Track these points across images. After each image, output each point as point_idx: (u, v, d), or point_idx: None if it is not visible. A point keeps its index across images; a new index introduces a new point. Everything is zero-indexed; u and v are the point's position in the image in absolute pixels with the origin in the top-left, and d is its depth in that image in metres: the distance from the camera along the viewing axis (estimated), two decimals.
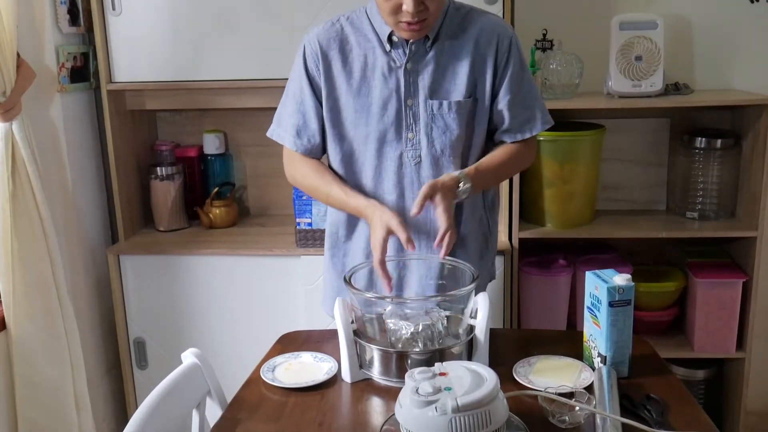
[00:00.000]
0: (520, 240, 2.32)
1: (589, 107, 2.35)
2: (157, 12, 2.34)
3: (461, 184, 1.53)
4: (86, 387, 2.24)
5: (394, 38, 1.56)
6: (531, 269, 2.40)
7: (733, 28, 2.48)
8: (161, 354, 2.47)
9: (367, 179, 1.65)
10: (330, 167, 1.70)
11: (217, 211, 2.59)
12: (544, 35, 2.53)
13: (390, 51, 1.58)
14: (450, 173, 1.55)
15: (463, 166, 1.63)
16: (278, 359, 1.51)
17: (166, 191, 2.56)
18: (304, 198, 2.33)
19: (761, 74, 2.50)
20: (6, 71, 1.99)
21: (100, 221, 2.59)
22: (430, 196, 1.48)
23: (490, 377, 1.14)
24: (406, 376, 1.16)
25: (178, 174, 2.59)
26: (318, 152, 1.70)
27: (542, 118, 1.65)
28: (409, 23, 1.48)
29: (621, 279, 1.38)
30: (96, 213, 2.57)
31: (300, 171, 1.70)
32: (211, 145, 2.65)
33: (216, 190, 2.60)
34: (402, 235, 1.47)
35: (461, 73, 1.58)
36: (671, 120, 2.56)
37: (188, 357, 1.48)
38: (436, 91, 1.58)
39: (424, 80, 1.58)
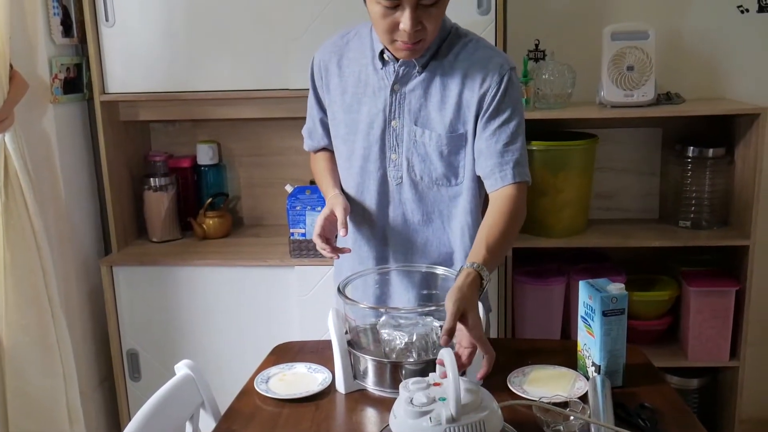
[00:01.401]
0: (514, 249, 2.32)
1: (581, 117, 2.36)
2: (151, 23, 2.34)
3: (484, 282, 1.34)
4: (79, 399, 2.23)
5: (386, 56, 1.54)
6: (525, 279, 2.40)
7: (723, 38, 2.50)
8: (154, 365, 2.46)
9: (350, 191, 1.67)
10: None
11: (211, 222, 2.59)
12: (537, 45, 2.54)
13: (381, 69, 1.56)
14: (466, 275, 1.32)
15: (452, 195, 1.58)
16: (272, 370, 1.50)
17: (159, 202, 2.55)
18: (298, 208, 2.33)
19: (752, 84, 2.52)
20: None
21: (93, 232, 2.59)
22: (460, 316, 1.27)
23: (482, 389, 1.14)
24: (401, 386, 1.16)
25: (172, 185, 2.58)
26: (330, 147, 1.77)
27: (519, 171, 1.49)
28: (404, 42, 1.44)
29: (614, 288, 1.38)
30: (89, 224, 2.56)
31: (313, 164, 1.83)
32: (205, 155, 2.65)
33: (209, 200, 2.60)
34: (339, 216, 1.55)
35: (448, 106, 1.52)
36: (663, 129, 2.58)
37: (181, 368, 1.47)
38: (420, 118, 1.54)
39: (411, 104, 1.54)
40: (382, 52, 1.54)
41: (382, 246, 1.68)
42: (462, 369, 1.27)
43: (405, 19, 1.39)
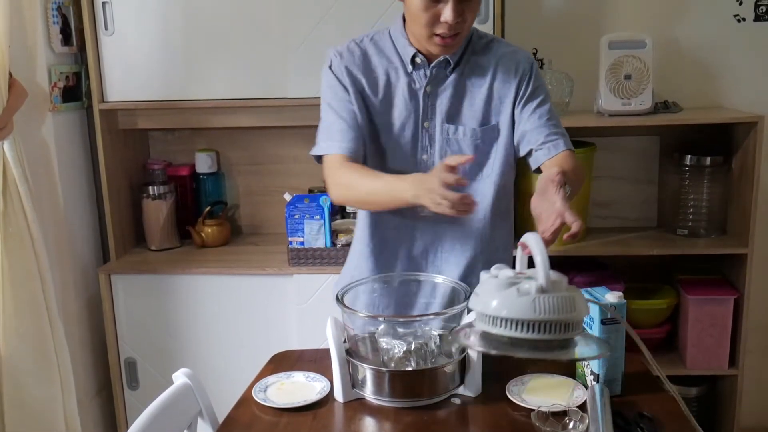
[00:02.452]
0: (513, 258, 2.31)
1: (579, 125, 2.36)
2: (150, 32, 2.35)
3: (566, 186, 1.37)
4: (76, 408, 2.22)
5: (418, 60, 1.57)
6: None
7: (720, 46, 2.51)
8: (152, 374, 2.45)
9: None
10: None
11: (209, 230, 2.59)
12: (535, 54, 2.55)
13: (411, 72, 1.59)
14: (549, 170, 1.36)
15: (484, 191, 1.60)
16: (270, 379, 1.50)
17: (158, 210, 2.55)
18: (297, 217, 2.33)
19: (749, 92, 2.52)
20: None
21: (91, 240, 2.59)
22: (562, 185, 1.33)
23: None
24: (481, 275, 1.17)
25: (170, 193, 2.58)
26: (361, 156, 1.60)
27: (567, 141, 1.58)
28: (443, 37, 1.48)
29: (613, 296, 1.38)
30: (87, 232, 2.56)
31: (339, 175, 1.56)
32: (204, 164, 2.65)
33: (208, 209, 2.60)
34: (450, 178, 1.33)
35: (478, 100, 1.59)
36: (661, 138, 2.58)
37: (179, 377, 1.47)
38: (452, 115, 1.59)
39: (442, 104, 1.59)
40: (414, 56, 1.57)
41: (409, 245, 1.67)
42: (548, 244, 1.23)
43: (447, 11, 1.44)
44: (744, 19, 2.48)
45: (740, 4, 2.47)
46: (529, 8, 2.53)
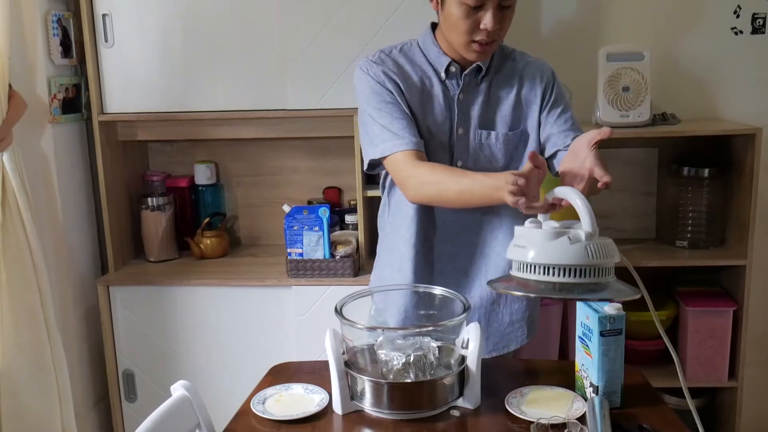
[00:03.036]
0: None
1: None
2: (149, 43, 2.36)
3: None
4: (74, 420, 2.21)
5: (452, 68, 1.62)
6: None
7: (718, 59, 2.52)
8: (150, 386, 2.44)
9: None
10: None
11: (208, 242, 2.59)
12: None
13: (444, 81, 1.64)
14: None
15: None
16: (269, 391, 1.49)
17: (156, 222, 2.55)
18: (295, 228, 2.33)
19: (746, 104, 2.53)
20: None
21: (90, 252, 2.58)
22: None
23: None
24: (526, 224, 1.26)
25: (169, 204, 2.58)
26: (424, 152, 1.61)
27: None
28: (481, 44, 1.54)
29: (612, 308, 1.38)
30: (86, 243, 2.56)
31: (428, 172, 1.55)
32: (203, 175, 2.65)
33: (207, 220, 2.60)
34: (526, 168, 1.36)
35: (507, 106, 1.66)
36: (659, 149, 2.59)
37: (177, 389, 1.46)
38: (485, 121, 1.65)
39: (475, 111, 1.64)
40: (449, 65, 1.62)
41: (453, 246, 1.70)
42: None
43: (487, 19, 1.51)
44: (741, 32, 2.50)
45: (737, 17, 2.48)
46: (528, 20, 2.54)
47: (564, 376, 1.50)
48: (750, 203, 2.27)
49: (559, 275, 1.19)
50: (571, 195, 1.23)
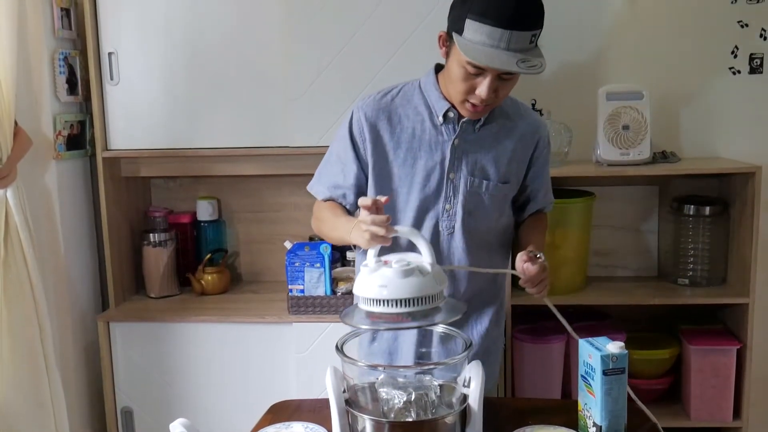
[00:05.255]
0: (513, 307, 2.31)
1: (578, 175, 2.39)
2: (154, 81, 2.39)
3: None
4: None
5: (450, 114, 1.62)
6: (524, 337, 2.39)
7: (716, 98, 2.55)
8: (149, 424, 2.42)
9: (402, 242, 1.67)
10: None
11: (209, 278, 2.59)
12: (533, 105, 2.58)
13: (441, 125, 1.63)
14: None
15: (493, 240, 1.72)
16: (269, 429, 1.48)
17: (158, 257, 2.55)
18: (297, 264, 2.33)
19: (746, 142, 2.55)
20: (3, 139, 2.02)
21: (91, 287, 2.58)
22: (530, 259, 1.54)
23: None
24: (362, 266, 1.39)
25: (171, 240, 2.59)
26: (350, 209, 1.73)
27: (552, 200, 1.83)
28: (474, 105, 1.55)
29: (614, 347, 1.37)
30: (87, 279, 2.56)
31: (319, 210, 1.74)
32: (205, 211, 2.66)
33: (208, 256, 2.60)
34: (367, 200, 1.44)
35: (502, 159, 1.66)
36: (660, 187, 2.60)
37: (177, 427, 1.45)
38: (477, 170, 1.65)
39: (469, 158, 1.64)
40: (447, 110, 1.62)
41: None
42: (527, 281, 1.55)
43: (483, 87, 1.51)
44: (739, 72, 2.52)
45: (735, 57, 2.51)
46: None
47: (567, 415, 1.49)
48: (751, 241, 2.27)
49: (413, 305, 1.32)
50: (411, 233, 1.42)
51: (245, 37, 2.34)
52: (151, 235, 2.56)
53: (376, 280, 1.33)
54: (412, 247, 1.43)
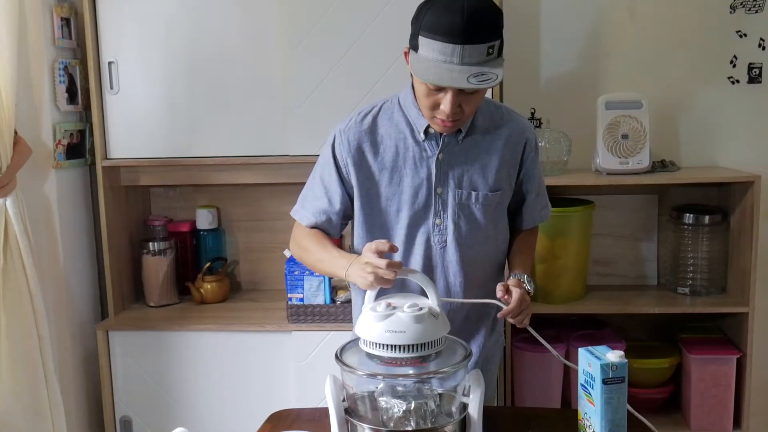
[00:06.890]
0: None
1: (577, 184, 2.39)
2: (154, 90, 2.39)
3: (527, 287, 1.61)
4: None
5: (431, 129, 1.60)
6: (524, 346, 2.38)
7: (715, 107, 2.55)
8: None
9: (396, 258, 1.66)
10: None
11: (209, 287, 2.58)
12: (533, 114, 2.59)
13: (423, 141, 1.61)
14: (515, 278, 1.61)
15: (489, 250, 1.69)
16: None
17: (157, 266, 2.55)
18: (296, 273, 2.33)
19: (745, 152, 2.55)
20: (3, 148, 2.02)
21: (90, 296, 2.58)
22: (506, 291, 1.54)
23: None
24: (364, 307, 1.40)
25: (171, 249, 2.59)
26: (333, 233, 1.71)
27: (549, 206, 1.80)
28: (443, 120, 1.52)
29: (614, 356, 1.37)
30: (86, 288, 2.56)
31: (301, 238, 1.69)
32: (204, 220, 2.66)
33: (208, 265, 2.60)
34: (385, 245, 1.47)
35: (491, 167, 1.63)
36: (659, 196, 2.60)
37: None
38: (465, 181, 1.63)
39: (455, 171, 1.62)
40: (428, 127, 1.60)
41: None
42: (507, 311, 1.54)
43: (446, 103, 1.47)
44: (738, 81, 2.53)
45: (734, 66, 2.52)
46: (527, 69, 2.58)
47: (566, 424, 1.48)
48: (750, 250, 2.27)
49: (426, 349, 1.36)
50: (420, 278, 1.46)
51: (245, 46, 2.35)
52: (150, 243, 2.56)
53: (389, 326, 1.36)
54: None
